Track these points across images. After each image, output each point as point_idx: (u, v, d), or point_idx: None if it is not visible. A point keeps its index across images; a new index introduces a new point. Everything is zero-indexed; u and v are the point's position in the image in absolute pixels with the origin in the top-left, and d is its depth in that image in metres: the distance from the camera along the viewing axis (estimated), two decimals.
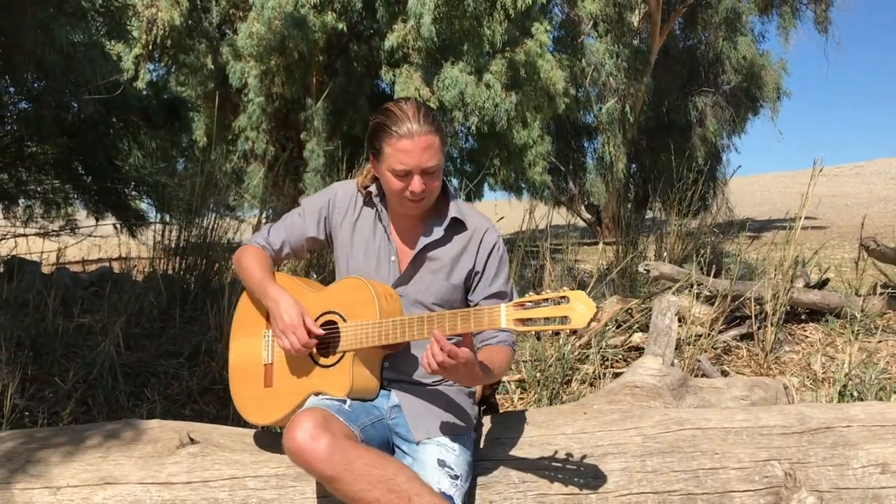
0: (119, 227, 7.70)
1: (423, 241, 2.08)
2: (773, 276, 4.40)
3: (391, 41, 10.93)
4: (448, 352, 1.75)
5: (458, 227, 2.11)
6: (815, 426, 2.19)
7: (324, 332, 2.00)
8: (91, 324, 4.11)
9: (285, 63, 11.26)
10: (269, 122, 12.07)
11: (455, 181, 12.78)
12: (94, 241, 7.60)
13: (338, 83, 11.68)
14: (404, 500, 1.73)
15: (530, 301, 1.75)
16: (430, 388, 2.06)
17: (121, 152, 7.47)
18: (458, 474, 1.88)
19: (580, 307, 1.69)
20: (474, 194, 11.94)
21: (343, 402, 1.93)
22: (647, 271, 4.29)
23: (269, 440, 2.17)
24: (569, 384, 3.58)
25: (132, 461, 2.05)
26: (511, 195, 14.08)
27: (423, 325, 1.88)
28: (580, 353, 3.77)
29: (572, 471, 2.07)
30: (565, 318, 1.70)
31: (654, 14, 16.04)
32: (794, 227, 4.40)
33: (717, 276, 4.74)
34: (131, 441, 2.14)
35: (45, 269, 5.68)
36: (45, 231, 7.43)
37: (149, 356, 3.88)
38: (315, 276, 4.85)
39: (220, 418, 3.26)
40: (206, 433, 2.20)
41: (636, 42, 17.26)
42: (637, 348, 4.05)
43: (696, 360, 3.69)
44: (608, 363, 3.87)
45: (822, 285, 4.73)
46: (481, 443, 2.15)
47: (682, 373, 2.82)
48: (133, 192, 7.84)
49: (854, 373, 3.43)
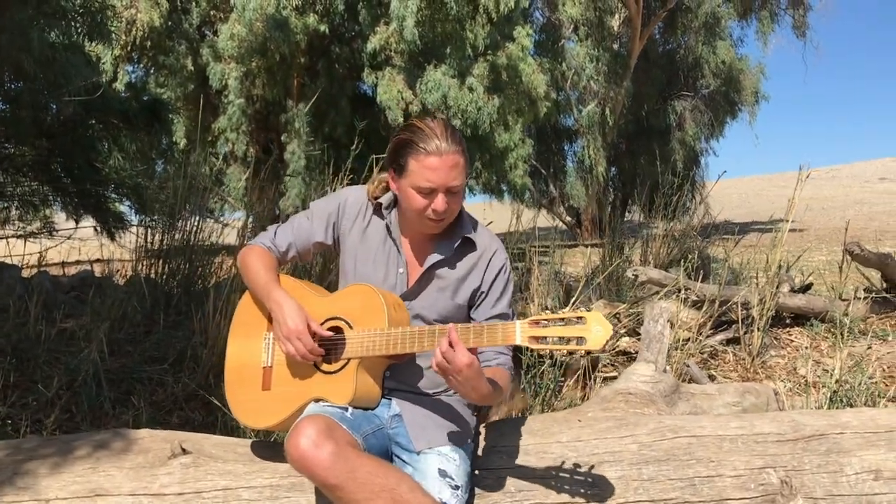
0: (99, 229, 7.59)
1: (432, 258, 2.07)
2: (759, 280, 4.41)
3: (373, 44, 10.92)
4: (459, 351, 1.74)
5: (468, 246, 2.09)
6: (809, 433, 2.20)
7: (329, 335, 1.97)
8: (74, 329, 4.03)
9: (266, 65, 11.22)
10: (250, 123, 12.00)
11: None
12: (73, 243, 7.49)
13: (319, 85, 11.63)
14: None
15: (546, 319, 1.75)
16: (432, 398, 2.05)
17: (100, 154, 7.36)
18: (458, 484, 1.87)
19: (596, 328, 1.69)
20: None
21: (345, 409, 1.90)
22: (636, 276, 4.30)
23: (262, 450, 2.14)
24: (560, 391, 3.57)
25: (123, 472, 2.01)
26: (492, 198, 14.12)
27: (433, 336, 1.86)
28: (569, 358, 3.76)
29: (569, 479, 2.06)
30: (581, 338, 1.70)
31: (634, 18, 16.16)
32: (782, 231, 4.42)
33: (703, 280, 4.76)
34: (121, 451, 2.09)
35: (25, 273, 5.58)
36: (23, 233, 7.31)
37: (133, 362, 3.81)
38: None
39: (207, 425, 3.21)
40: (197, 443, 2.16)
41: (616, 46, 17.42)
42: (625, 353, 4.05)
43: (685, 365, 3.70)
44: (597, 367, 3.87)
45: (806, 289, 4.76)
46: (479, 451, 2.14)
47: (675, 379, 2.82)
48: (113, 195, 7.72)
49: (843, 378, 3.45)
